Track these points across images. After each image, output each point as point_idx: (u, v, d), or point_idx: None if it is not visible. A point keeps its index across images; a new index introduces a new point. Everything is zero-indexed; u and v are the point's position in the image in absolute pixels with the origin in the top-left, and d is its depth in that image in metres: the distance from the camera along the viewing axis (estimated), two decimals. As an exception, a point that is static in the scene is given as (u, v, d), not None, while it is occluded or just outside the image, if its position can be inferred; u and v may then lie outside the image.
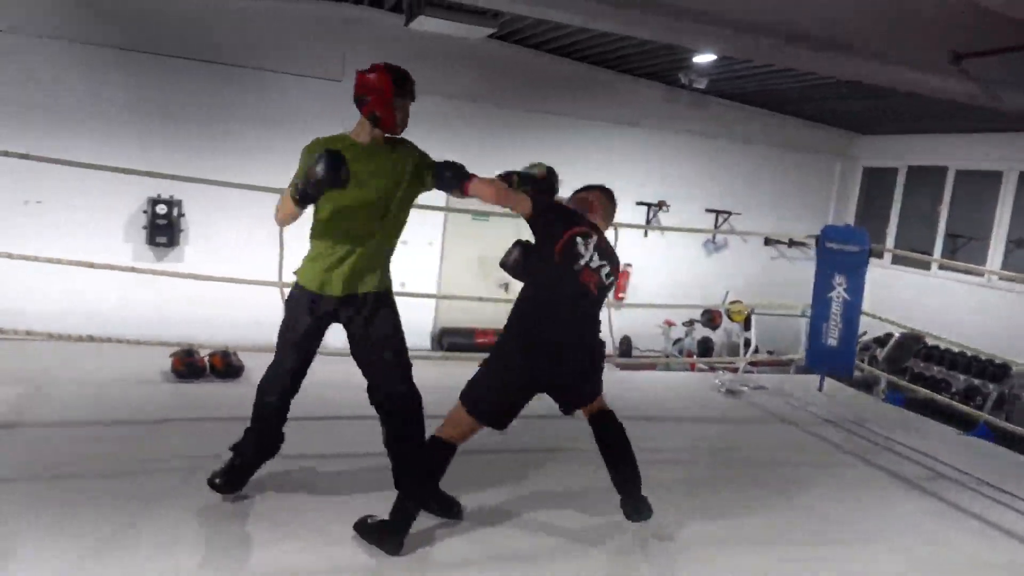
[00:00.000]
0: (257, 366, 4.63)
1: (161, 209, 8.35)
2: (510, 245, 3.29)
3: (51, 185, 8.06)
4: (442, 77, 9.35)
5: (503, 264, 3.29)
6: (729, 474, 3.97)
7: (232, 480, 3.09)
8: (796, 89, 9.10)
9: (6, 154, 4.09)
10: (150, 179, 7.93)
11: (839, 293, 5.14)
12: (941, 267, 9.78)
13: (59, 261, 4.69)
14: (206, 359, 4.60)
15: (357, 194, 2.93)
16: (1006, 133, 9.04)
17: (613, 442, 3.12)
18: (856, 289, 5.07)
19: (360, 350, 3.09)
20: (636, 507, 3.05)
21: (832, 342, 5.22)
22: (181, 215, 8.54)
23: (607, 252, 3.10)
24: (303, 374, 3.11)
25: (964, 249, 9.90)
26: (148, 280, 7.52)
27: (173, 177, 5.17)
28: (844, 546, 3.28)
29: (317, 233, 3.05)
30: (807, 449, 4.54)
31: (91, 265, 4.65)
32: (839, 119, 10.70)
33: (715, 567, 2.99)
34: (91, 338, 4.35)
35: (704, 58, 8.00)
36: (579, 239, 3.02)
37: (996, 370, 8.97)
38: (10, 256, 4.26)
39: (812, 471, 4.17)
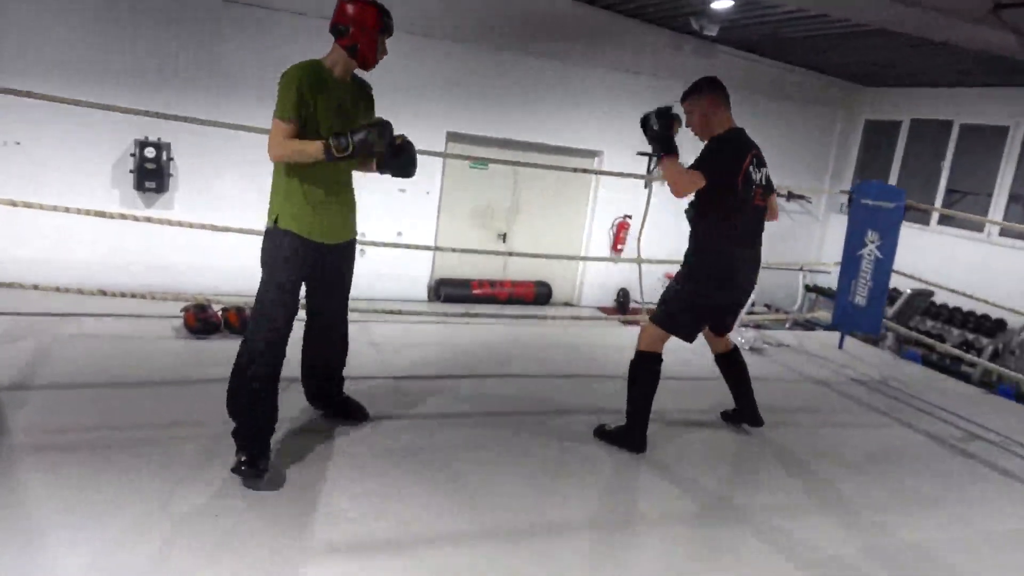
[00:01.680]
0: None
1: (150, 152, 7.96)
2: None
3: (30, 125, 7.61)
4: (445, 18, 8.94)
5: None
6: (773, 437, 3.88)
7: (255, 464, 2.77)
8: (805, 38, 8.87)
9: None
10: (137, 121, 7.59)
11: (871, 251, 5.03)
12: (941, 221, 9.77)
13: (48, 207, 4.37)
14: (220, 314, 4.36)
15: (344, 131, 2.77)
16: (1014, 88, 8.94)
17: (742, 369, 3.76)
18: (890, 247, 4.96)
19: (327, 294, 3.11)
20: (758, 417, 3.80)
21: (860, 300, 5.14)
22: (170, 159, 8.15)
23: (761, 160, 3.36)
24: (290, 331, 2.91)
25: (962, 205, 9.88)
26: (139, 226, 7.18)
27: (160, 116, 4.70)
28: (906, 514, 3.22)
29: (297, 170, 2.83)
30: (843, 410, 4.48)
31: (84, 212, 4.32)
32: (844, 70, 10.51)
33: (779, 534, 2.91)
34: (103, 292, 4.08)
35: (721, 4, 7.70)
36: (751, 167, 3.24)
37: (992, 325, 9.07)
38: None
39: (853, 433, 4.11)
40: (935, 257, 9.27)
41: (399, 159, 2.94)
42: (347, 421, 3.35)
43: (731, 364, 3.78)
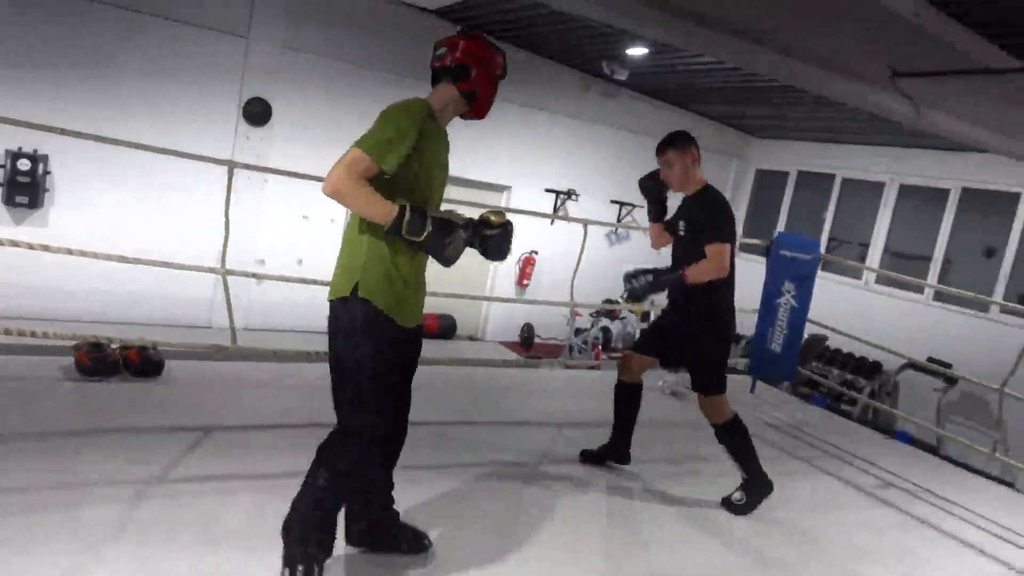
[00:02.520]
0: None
1: (23, 164, 7.18)
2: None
3: None
4: (356, 44, 8.70)
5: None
6: (703, 486, 3.88)
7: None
8: (707, 90, 9.28)
9: None
10: (10, 129, 6.85)
11: (787, 300, 5.23)
12: (824, 267, 10.40)
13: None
14: (118, 352, 3.91)
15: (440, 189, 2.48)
16: (891, 147, 9.71)
17: (638, 406, 3.80)
18: (805, 296, 5.17)
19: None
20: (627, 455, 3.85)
21: (777, 347, 5.31)
22: (47, 172, 7.40)
23: None
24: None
25: (841, 252, 10.57)
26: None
27: (35, 126, 4.12)
28: (838, 567, 3.27)
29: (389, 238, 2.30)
30: (765, 458, 4.55)
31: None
32: (738, 122, 11.08)
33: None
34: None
35: (637, 51, 7.92)
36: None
37: (870, 367, 9.69)
38: None
39: (778, 482, 4.18)
40: (818, 302, 9.83)
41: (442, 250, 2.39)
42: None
43: (635, 398, 3.82)
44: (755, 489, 3.58)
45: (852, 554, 3.42)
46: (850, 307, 9.60)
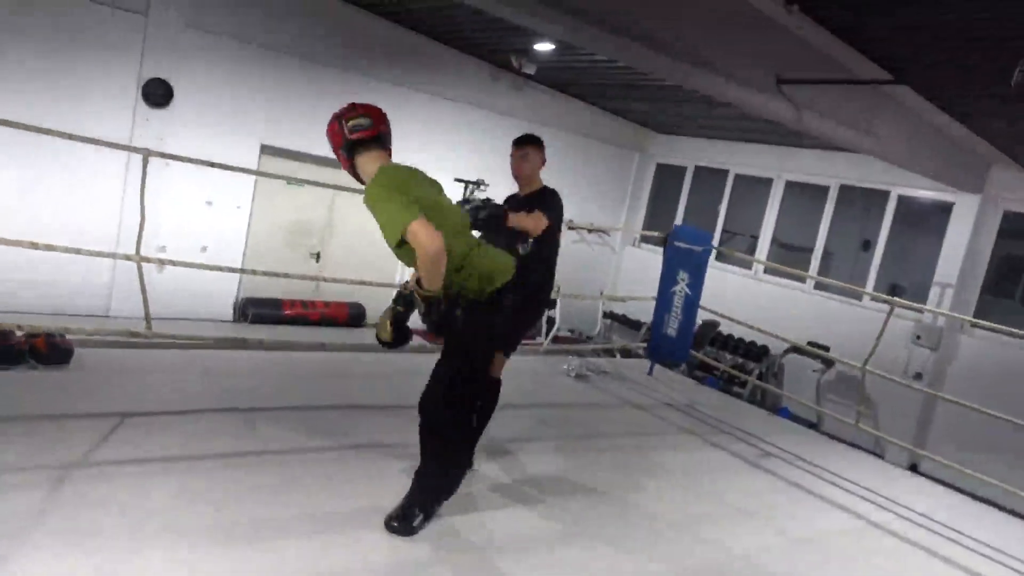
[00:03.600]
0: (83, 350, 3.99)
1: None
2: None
3: None
4: (261, 24, 8.56)
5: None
6: (606, 460, 4.19)
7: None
8: (611, 85, 9.67)
9: None
10: None
11: (682, 288, 5.61)
12: (717, 258, 11.04)
13: None
14: (24, 340, 3.82)
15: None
16: (779, 146, 10.40)
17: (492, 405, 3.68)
18: (697, 285, 5.57)
19: None
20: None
21: (672, 332, 5.69)
22: (-74, 152, 6.95)
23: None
24: None
25: (733, 243, 11.25)
26: None
27: None
28: (720, 524, 3.64)
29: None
30: (659, 432, 4.94)
31: None
32: (641, 117, 11.56)
33: (625, 553, 3.15)
34: None
35: (544, 46, 8.17)
36: None
37: (759, 351, 10.38)
38: None
39: (671, 453, 4.55)
40: (711, 290, 10.46)
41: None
42: None
43: (493, 393, 3.77)
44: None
45: (729, 513, 3.80)
46: (741, 295, 10.26)
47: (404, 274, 10.62)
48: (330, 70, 9.13)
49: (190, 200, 8.37)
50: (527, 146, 3.85)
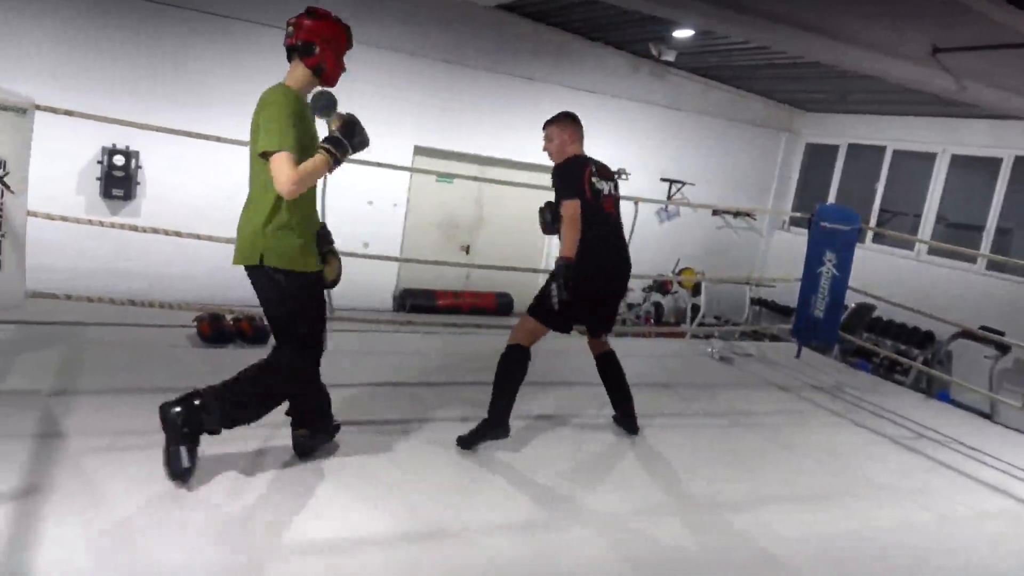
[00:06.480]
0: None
1: (118, 160, 7.90)
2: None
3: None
4: (411, 33, 9.18)
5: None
6: (751, 438, 4.27)
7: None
8: (755, 67, 9.46)
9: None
10: (105, 128, 7.54)
11: (828, 269, 5.52)
12: (875, 239, 10.51)
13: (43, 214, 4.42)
14: (233, 324, 4.50)
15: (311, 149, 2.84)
16: (942, 118, 9.73)
17: (619, 373, 3.87)
18: (845, 265, 5.46)
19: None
20: (632, 425, 3.95)
21: (819, 314, 5.61)
22: (138, 167, 8.11)
23: (607, 173, 3.78)
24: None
25: (893, 224, 10.64)
26: (112, 231, 7.15)
27: (131, 124, 4.91)
28: (865, 499, 3.64)
29: (296, 203, 2.82)
30: (805, 413, 4.92)
31: (83, 221, 4.41)
32: (788, 96, 11.19)
33: (758, 525, 3.26)
34: (131, 302, 4.21)
35: (683, 33, 8.18)
36: (593, 178, 3.65)
37: (922, 337, 9.79)
38: None
39: (817, 434, 4.54)
40: (869, 273, 9.98)
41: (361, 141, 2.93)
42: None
43: (608, 366, 3.92)
44: (490, 427, 3.54)
45: (875, 490, 3.78)
46: (901, 278, 9.73)
47: (549, 262, 10.95)
48: (475, 71, 9.63)
49: (353, 200, 9.15)
50: (547, 128, 3.84)
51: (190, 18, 8.11)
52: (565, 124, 3.79)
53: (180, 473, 2.74)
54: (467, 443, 3.51)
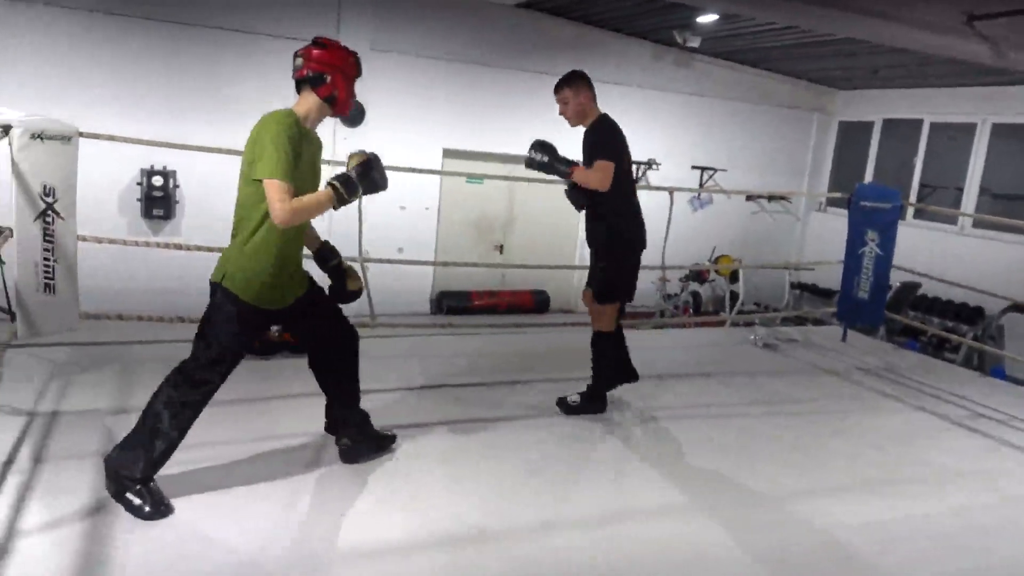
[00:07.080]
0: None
1: (157, 180, 8.08)
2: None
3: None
4: (439, 38, 9.22)
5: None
6: (800, 424, 4.21)
7: None
8: (782, 47, 9.31)
9: None
10: (142, 150, 7.73)
11: (871, 248, 5.41)
12: (916, 215, 10.27)
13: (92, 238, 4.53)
14: (277, 335, 4.57)
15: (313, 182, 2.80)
16: (980, 87, 9.47)
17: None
18: (887, 245, 5.34)
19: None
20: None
21: (863, 295, 5.51)
22: (176, 186, 8.28)
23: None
24: None
25: (934, 199, 10.39)
26: (143, 253, 7.31)
27: (169, 145, 5.13)
28: (927, 481, 3.56)
29: (276, 236, 2.69)
30: (857, 397, 4.83)
31: (132, 243, 4.51)
32: (818, 75, 10.99)
33: (822, 515, 3.21)
34: (180, 319, 4.30)
35: (707, 18, 8.09)
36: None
37: (971, 313, 9.55)
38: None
39: (868, 415, 4.46)
40: (911, 250, 9.75)
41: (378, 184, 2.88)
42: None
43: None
44: (590, 401, 3.89)
45: (936, 472, 3.69)
46: (946, 253, 9.50)
47: (584, 258, 10.91)
48: (497, 71, 9.64)
49: (385, 206, 9.22)
50: (561, 90, 3.70)
51: (218, 37, 8.25)
52: (579, 85, 3.68)
53: (146, 516, 2.62)
54: (569, 410, 3.88)
